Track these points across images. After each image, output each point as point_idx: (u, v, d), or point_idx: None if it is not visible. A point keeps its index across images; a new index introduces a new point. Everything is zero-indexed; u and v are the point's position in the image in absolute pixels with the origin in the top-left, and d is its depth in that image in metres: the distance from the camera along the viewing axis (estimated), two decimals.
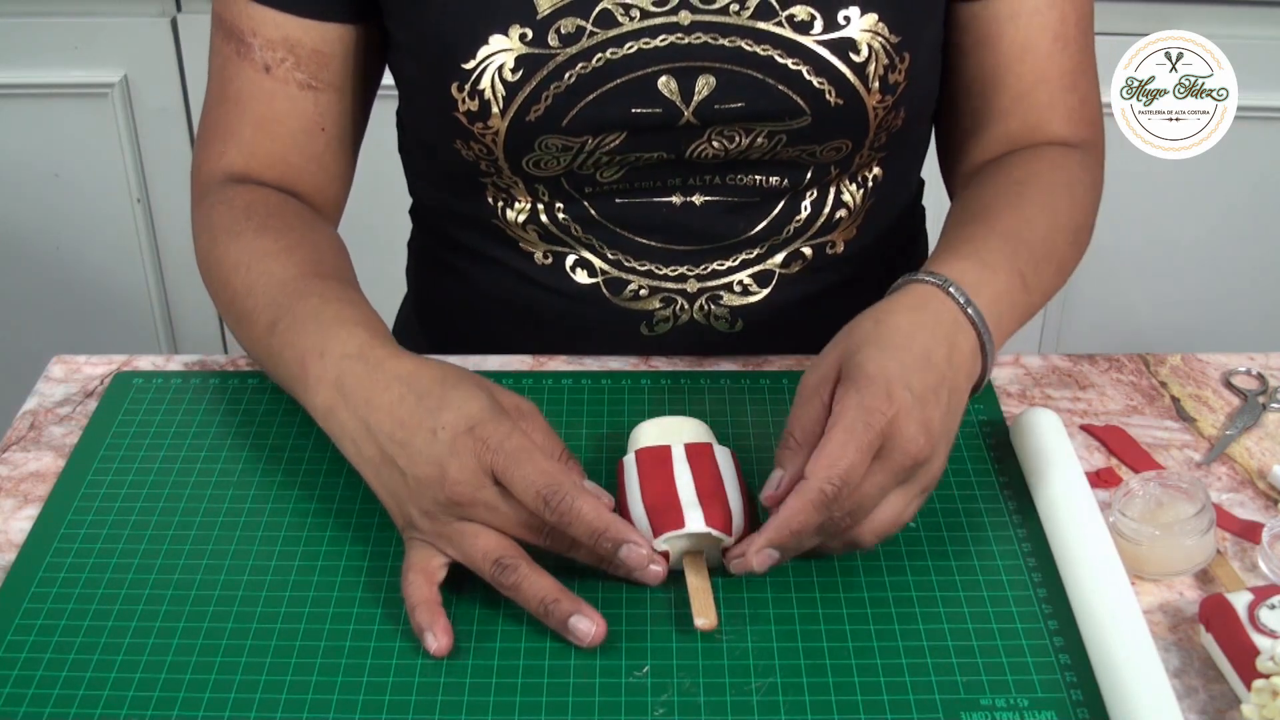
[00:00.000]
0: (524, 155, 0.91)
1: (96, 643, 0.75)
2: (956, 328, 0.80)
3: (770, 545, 0.74)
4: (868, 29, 0.88)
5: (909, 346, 0.77)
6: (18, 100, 1.77)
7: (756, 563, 0.74)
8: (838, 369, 0.77)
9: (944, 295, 0.81)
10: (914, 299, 0.81)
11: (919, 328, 0.78)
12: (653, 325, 0.98)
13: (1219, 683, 0.73)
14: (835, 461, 0.72)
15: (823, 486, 0.72)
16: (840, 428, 0.73)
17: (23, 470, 0.88)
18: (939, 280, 0.81)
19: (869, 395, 0.74)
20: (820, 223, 0.97)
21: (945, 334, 0.79)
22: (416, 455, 0.76)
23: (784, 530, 0.73)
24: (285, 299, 0.86)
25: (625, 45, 0.88)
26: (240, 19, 0.93)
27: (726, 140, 0.91)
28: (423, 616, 0.75)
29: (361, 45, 0.95)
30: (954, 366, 0.79)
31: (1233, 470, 0.88)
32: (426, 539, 0.77)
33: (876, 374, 0.75)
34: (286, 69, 0.93)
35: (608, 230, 0.96)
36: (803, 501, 0.73)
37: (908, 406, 0.74)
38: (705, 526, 0.76)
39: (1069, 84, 0.97)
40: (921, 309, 0.80)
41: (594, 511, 0.74)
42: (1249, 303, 1.88)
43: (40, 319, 1.94)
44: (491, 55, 0.87)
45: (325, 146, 0.97)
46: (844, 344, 0.78)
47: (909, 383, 0.75)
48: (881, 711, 0.71)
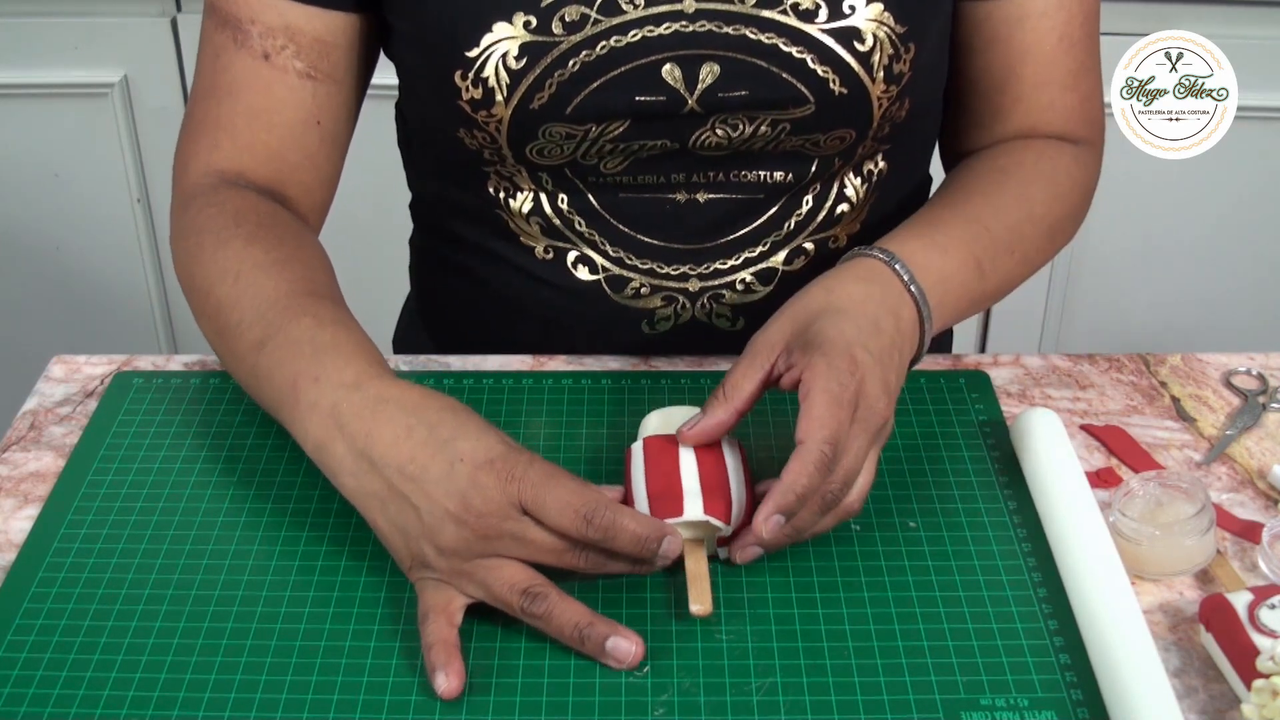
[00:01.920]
0: (528, 143, 0.91)
1: (96, 643, 0.75)
2: (900, 301, 0.84)
3: (778, 510, 0.74)
4: (873, 18, 0.88)
5: (862, 313, 0.81)
6: (18, 100, 1.77)
7: (766, 531, 0.74)
8: (788, 335, 0.80)
9: (890, 271, 0.84)
10: (862, 271, 0.84)
11: (868, 298, 0.82)
12: (654, 324, 0.98)
13: (1219, 683, 0.73)
14: (825, 423, 0.75)
15: (820, 448, 0.74)
16: (818, 389, 0.76)
17: (23, 470, 0.88)
18: (886, 256, 0.85)
19: (836, 358, 0.77)
20: (822, 217, 0.97)
21: (891, 306, 0.83)
22: (434, 488, 0.74)
23: (789, 494, 0.74)
24: (276, 316, 0.83)
25: (629, 33, 0.88)
26: (237, 6, 0.92)
27: (730, 129, 0.91)
28: (438, 656, 0.73)
29: (361, 37, 0.95)
30: (900, 334, 0.82)
31: (1233, 470, 0.88)
32: (442, 578, 0.75)
33: (838, 338, 0.78)
34: (286, 56, 0.92)
35: (610, 225, 0.96)
36: (803, 463, 0.74)
37: (870, 367, 0.78)
38: (704, 514, 0.77)
39: (1071, 84, 0.97)
40: (869, 281, 0.83)
41: (633, 520, 0.74)
42: (1249, 303, 1.88)
43: (40, 319, 1.94)
44: (495, 43, 0.87)
45: (319, 143, 0.96)
46: (796, 311, 0.82)
47: (867, 345, 0.79)
48: (881, 711, 0.71)
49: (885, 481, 0.86)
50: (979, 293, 0.90)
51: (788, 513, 0.75)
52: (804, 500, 0.75)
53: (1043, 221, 0.94)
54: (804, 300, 0.83)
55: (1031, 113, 0.98)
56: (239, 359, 0.85)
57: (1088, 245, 1.82)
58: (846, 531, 0.82)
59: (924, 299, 0.84)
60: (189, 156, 0.96)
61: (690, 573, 0.76)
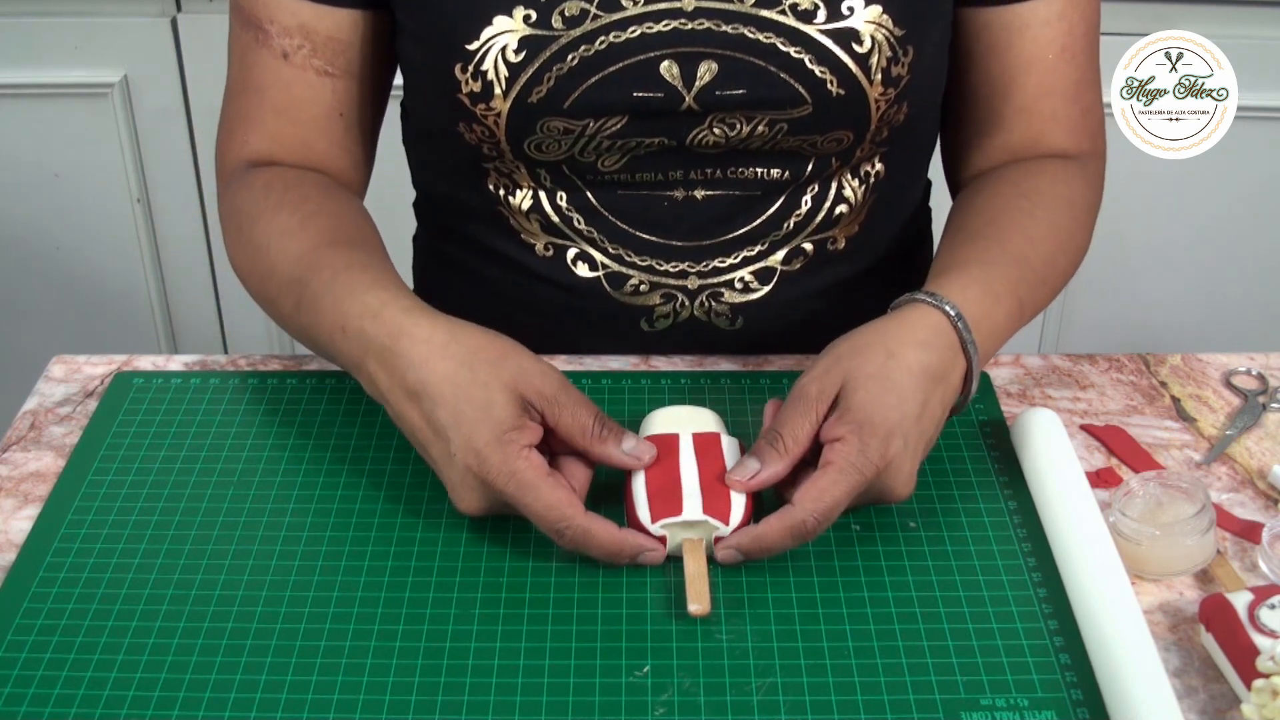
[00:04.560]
0: (526, 138, 0.91)
1: (96, 643, 0.75)
2: (954, 364, 0.83)
3: (738, 549, 0.78)
4: (871, 20, 0.89)
5: (914, 394, 0.80)
6: (18, 100, 1.77)
7: (721, 557, 0.78)
8: (839, 385, 0.80)
9: (952, 331, 0.83)
10: (926, 333, 0.82)
11: (924, 371, 0.81)
12: (653, 321, 0.99)
13: (1219, 683, 0.73)
14: (822, 497, 0.77)
15: (806, 519, 0.77)
16: (835, 468, 0.77)
17: (23, 470, 0.88)
18: (952, 313, 0.83)
19: (870, 445, 0.77)
20: (821, 218, 0.97)
21: (944, 373, 0.82)
22: (438, 462, 0.80)
23: (758, 544, 0.78)
24: (302, 275, 0.87)
25: (628, 29, 0.88)
26: (257, 6, 0.94)
27: (727, 127, 0.91)
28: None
29: (374, 33, 0.97)
30: (944, 406, 0.83)
31: (1233, 470, 0.88)
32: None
33: (881, 423, 0.78)
34: (304, 55, 0.95)
35: (609, 223, 0.96)
36: (784, 526, 0.77)
37: (900, 459, 0.79)
38: (702, 515, 0.78)
39: (1073, 95, 0.98)
40: (930, 348, 0.82)
41: (605, 534, 0.77)
42: (1249, 303, 1.88)
43: (40, 319, 1.94)
44: (495, 36, 0.88)
45: (345, 131, 0.99)
46: (851, 365, 0.81)
47: (907, 434, 0.79)
48: (881, 711, 0.71)
49: None
50: (1016, 329, 0.90)
51: (749, 556, 0.78)
52: (770, 554, 0.78)
53: (1069, 249, 0.95)
54: (862, 357, 0.81)
55: (1034, 122, 0.98)
56: (289, 324, 0.90)
57: None
58: (847, 532, 0.82)
59: (977, 355, 0.84)
60: (224, 151, 1.00)
61: (689, 572, 0.77)
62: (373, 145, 1.03)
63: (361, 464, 0.87)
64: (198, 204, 1.84)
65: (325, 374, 0.95)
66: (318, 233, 0.90)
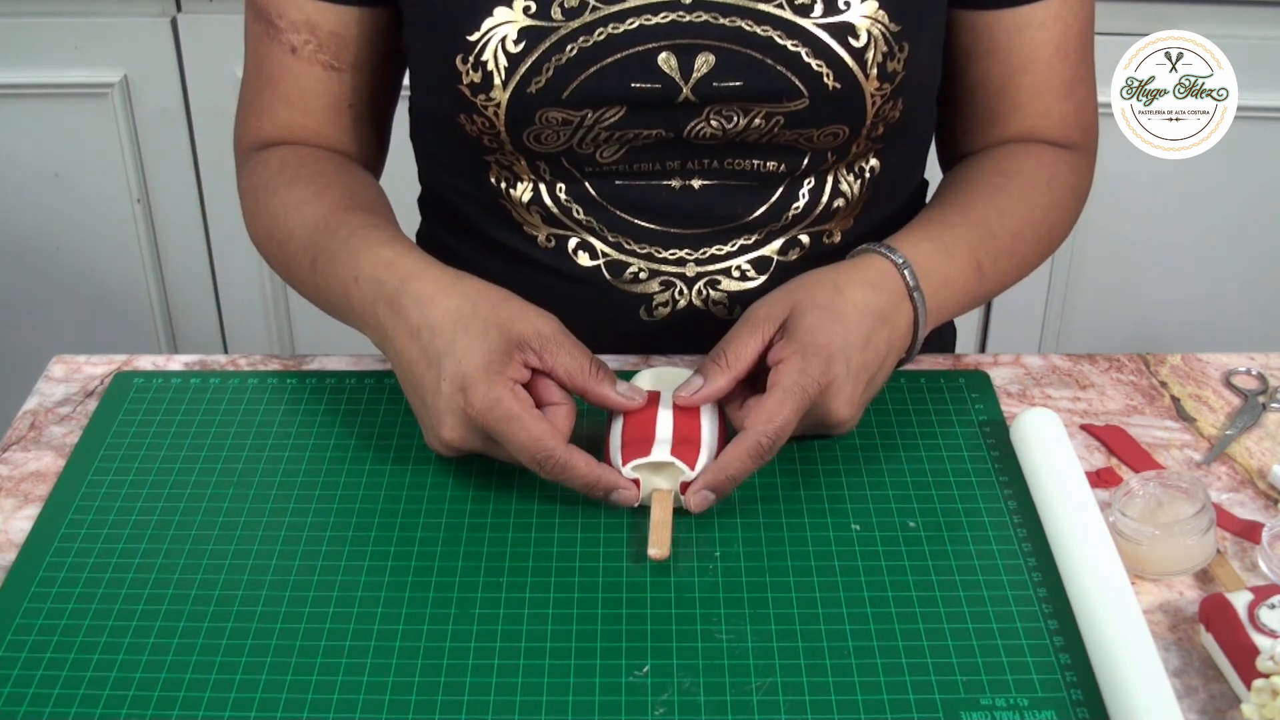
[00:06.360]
0: (525, 129, 0.92)
1: (96, 643, 0.75)
2: (900, 309, 0.88)
3: (707, 488, 0.81)
4: (868, 15, 0.90)
5: (858, 326, 0.84)
6: (18, 100, 1.77)
7: (693, 504, 0.81)
8: (788, 312, 0.85)
9: (898, 276, 0.88)
10: (873, 275, 0.87)
11: (869, 308, 0.85)
12: (652, 310, 0.99)
13: (1219, 683, 0.73)
14: (772, 417, 0.81)
15: (759, 439, 0.80)
16: (781, 387, 0.81)
17: (23, 470, 0.88)
18: (899, 260, 0.88)
19: (812, 364, 0.82)
20: (818, 211, 0.98)
21: (889, 314, 0.87)
22: (430, 396, 0.82)
23: (721, 475, 0.81)
24: (318, 237, 0.91)
25: (627, 20, 0.89)
26: (267, 1, 0.97)
27: (724, 120, 0.92)
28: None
29: (378, 28, 0.98)
30: (890, 346, 0.87)
31: (1233, 470, 0.88)
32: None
33: (824, 345, 0.83)
34: (310, 50, 0.97)
35: (608, 212, 0.97)
36: (740, 450, 0.80)
37: (840, 380, 0.83)
38: (669, 456, 0.82)
39: (1066, 92, 0.99)
40: (876, 288, 0.87)
41: (584, 466, 0.80)
42: (1249, 303, 1.88)
43: (40, 319, 1.94)
44: (495, 27, 0.89)
45: (355, 121, 1.02)
46: (800, 296, 0.85)
47: (849, 359, 0.83)
48: (881, 711, 0.71)
49: (885, 481, 0.86)
50: (977, 294, 0.94)
51: (718, 491, 0.81)
52: (736, 482, 0.81)
53: (1041, 226, 0.97)
54: (810, 288, 0.86)
55: (1028, 119, 1.00)
56: (305, 284, 0.93)
57: (1088, 245, 1.82)
58: (846, 532, 0.82)
59: (923, 304, 0.88)
60: (240, 136, 1.03)
61: (654, 519, 0.80)
62: (385, 135, 1.06)
63: (361, 464, 0.88)
64: (198, 204, 1.84)
65: (325, 374, 0.96)
66: (334, 199, 0.93)
